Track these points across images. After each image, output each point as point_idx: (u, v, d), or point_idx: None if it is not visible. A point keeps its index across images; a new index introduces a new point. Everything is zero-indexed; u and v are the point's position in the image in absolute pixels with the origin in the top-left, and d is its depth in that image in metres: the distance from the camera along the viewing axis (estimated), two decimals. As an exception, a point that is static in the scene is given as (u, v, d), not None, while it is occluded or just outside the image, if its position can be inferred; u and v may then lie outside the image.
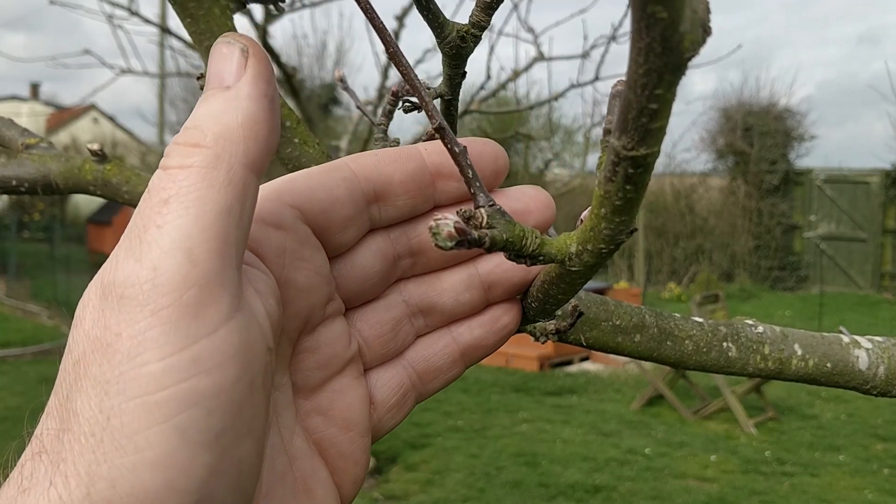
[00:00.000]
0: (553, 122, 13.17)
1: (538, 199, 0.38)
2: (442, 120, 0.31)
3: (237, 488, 0.29)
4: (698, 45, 0.21)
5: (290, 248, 0.34)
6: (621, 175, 0.24)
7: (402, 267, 0.38)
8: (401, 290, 0.39)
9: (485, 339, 0.39)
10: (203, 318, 0.28)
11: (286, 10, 4.88)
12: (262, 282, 0.32)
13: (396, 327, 0.39)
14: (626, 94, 0.22)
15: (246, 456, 0.29)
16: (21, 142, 0.85)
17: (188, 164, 0.29)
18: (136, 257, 0.28)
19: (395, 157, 0.37)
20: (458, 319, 0.39)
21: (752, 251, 14.49)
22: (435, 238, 0.28)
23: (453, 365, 0.40)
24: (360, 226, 0.36)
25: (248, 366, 0.29)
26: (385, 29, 0.33)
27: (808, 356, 0.64)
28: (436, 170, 0.37)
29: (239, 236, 0.29)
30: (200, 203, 0.28)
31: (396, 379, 0.39)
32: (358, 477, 0.37)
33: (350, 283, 0.37)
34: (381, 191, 0.36)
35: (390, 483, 5.13)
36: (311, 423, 0.36)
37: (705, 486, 5.13)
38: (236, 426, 0.28)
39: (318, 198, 0.35)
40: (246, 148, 0.30)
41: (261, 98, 0.30)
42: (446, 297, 0.39)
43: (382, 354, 0.39)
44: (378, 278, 0.38)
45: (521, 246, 0.30)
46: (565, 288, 0.34)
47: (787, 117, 14.94)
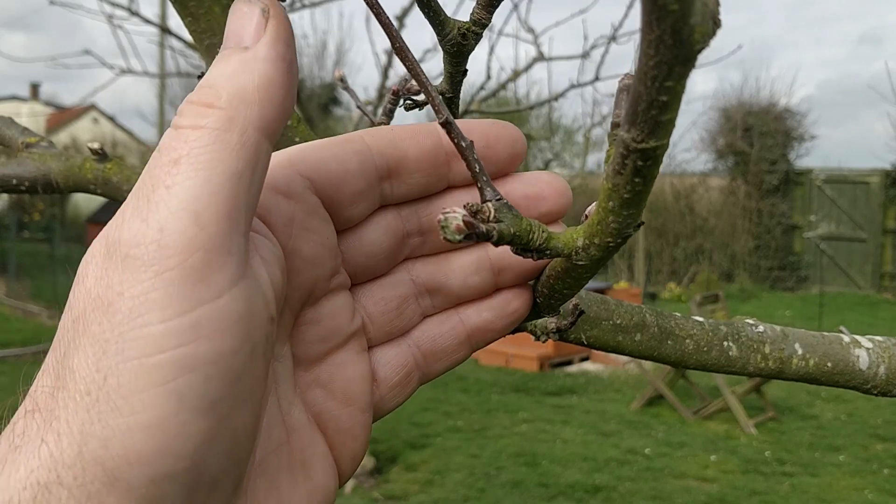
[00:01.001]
0: (553, 122, 13.18)
1: (553, 186, 0.37)
2: (448, 115, 0.31)
3: (231, 456, 0.28)
4: (708, 37, 0.21)
5: (298, 218, 0.33)
6: (630, 168, 0.24)
7: (412, 245, 0.38)
8: (409, 268, 0.39)
9: (493, 323, 0.39)
10: (207, 283, 0.27)
11: (286, 10, 4.88)
12: (268, 250, 0.32)
13: (402, 305, 0.38)
14: (635, 87, 0.22)
15: (242, 425, 0.29)
16: (21, 141, 0.85)
17: (201, 125, 0.29)
18: (142, 217, 0.28)
19: (411, 134, 0.36)
20: (466, 302, 0.39)
21: (752, 251, 14.50)
22: (443, 231, 0.28)
23: (459, 347, 0.39)
24: (370, 201, 0.36)
25: (250, 334, 0.29)
26: (391, 24, 0.33)
27: (808, 355, 0.64)
28: (451, 149, 0.37)
29: (249, 202, 0.29)
30: (211, 166, 0.28)
31: (401, 357, 0.38)
32: (357, 453, 0.37)
33: (357, 258, 0.37)
34: (395, 166, 0.36)
35: (390, 483, 5.13)
36: (310, 395, 0.36)
37: (705, 486, 5.13)
38: (234, 394, 0.28)
39: (330, 169, 0.34)
40: (261, 111, 0.29)
41: (279, 61, 0.30)
42: (455, 278, 0.38)
43: (387, 332, 0.38)
44: (386, 255, 0.37)
45: (528, 240, 0.30)
46: (571, 283, 0.34)
47: (787, 117, 14.95)
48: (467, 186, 0.38)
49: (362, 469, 5.17)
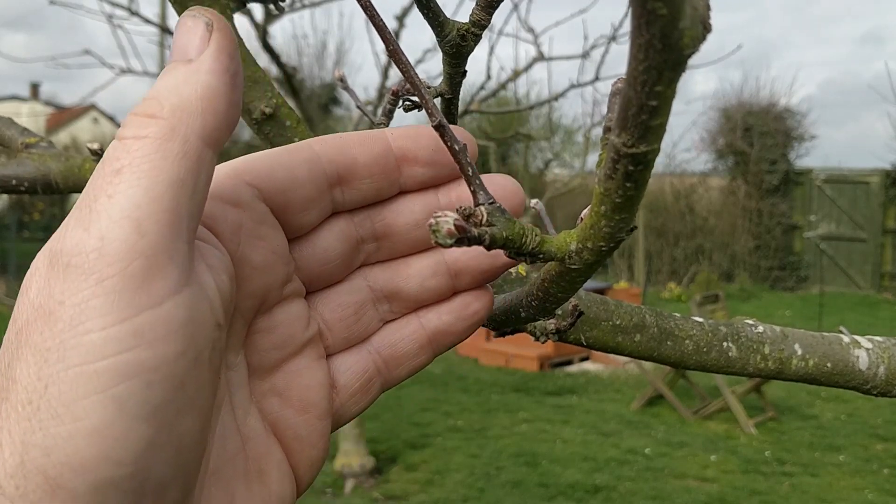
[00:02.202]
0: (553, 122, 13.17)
1: (506, 188, 0.38)
2: (442, 118, 0.31)
3: (177, 464, 0.28)
4: (698, 41, 0.21)
5: (246, 226, 0.34)
6: (621, 172, 0.24)
7: (367, 251, 0.38)
8: (365, 274, 0.39)
9: (454, 326, 0.39)
10: (148, 290, 0.27)
11: (286, 10, 4.88)
12: (215, 257, 0.32)
13: (360, 311, 0.38)
14: (626, 91, 0.22)
15: (187, 432, 0.28)
16: (21, 141, 0.85)
17: (143, 135, 0.29)
18: (84, 226, 0.28)
19: (360, 140, 0.36)
20: (426, 305, 0.39)
21: (752, 251, 14.49)
22: (434, 235, 0.28)
23: (420, 351, 0.39)
24: (321, 208, 0.36)
25: (194, 340, 0.29)
26: (385, 27, 0.33)
27: (808, 356, 0.64)
28: (401, 154, 0.37)
29: (191, 210, 0.29)
30: (153, 174, 0.28)
31: (361, 364, 0.38)
32: (315, 460, 0.36)
33: (311, 266, 0.37)
34: (345, 173, 0.36)
35: (390, 483, 5.13)
36: (266, 404, 0.35)
37: (705, 486, 5.13)
38: (177, 401, 0.28)
39: (278, 177, 0.34)
40: (203, 121, 0.29)
41: (222, 73, 0.30)
42: (412, 282, 0.38)
43: (346, 339, 0.38)
44: (340, 261, 0.37)
45: (521, 244, 0.30)
46: (565, 286, 0.34)
47: (787, 117, 14.94)
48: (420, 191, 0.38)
49: (362, 469, 5.17)
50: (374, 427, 5.96)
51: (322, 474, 5.23)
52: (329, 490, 5.06)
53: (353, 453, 5.21)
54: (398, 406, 6.72)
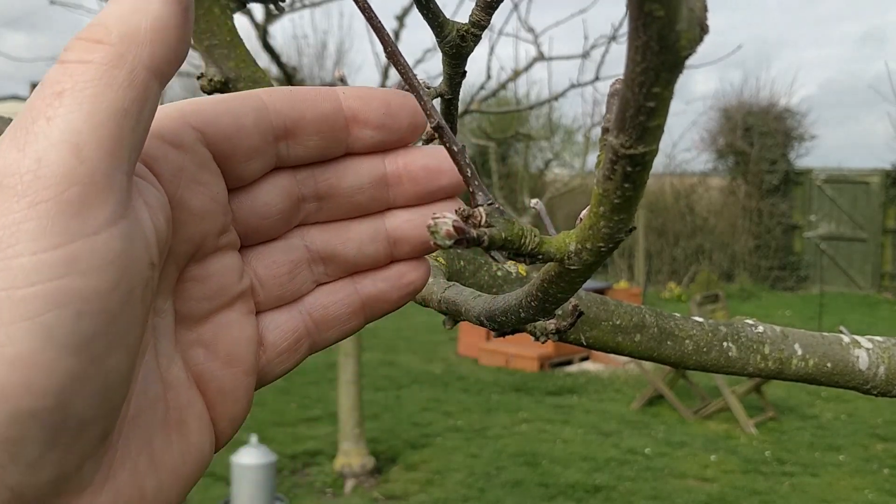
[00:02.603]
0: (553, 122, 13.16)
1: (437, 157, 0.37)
2: (440, 119, 0.31)
3: (101, 401, 0.27)
4: (695, 43, 0.21)
5: (187, 170, 0.33)
6: (619, 173, 0.24)
7: (307, 211, 0.37)
8: (303, 234, 0.38)
9: (388, 294, 0.38)
10: (84, 218, 0.26)
11: (286, 10, 4.88)
12: (153, 196, 0.31)
13: (294, 270, 0.37)
14: (623, 93, 0.22)
15: (114, 368, 0.28)
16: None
17: (88, 60, 0.28)
18: (19, 147, 0.27)
19: (311, 96, 0.36)
20: (361, 271, 0.39)
21: (752, 251, 14.50)
22: (433, 236, 0.28)
23: (352, 317, 0.38)
24: (265, 159, 0.35)
25: (127, 275, 0.28)
26: (383, 28, 0.33)
27: (808, 356, 0.64)
28: (352, 114, 0.36)
29: (133, 142, 0.28)
30: (96, 100, 0.27)
31: (291, 323, 0.37)
32: (237, 416, 0.36)
33: (249, 219, 0.36)
34: (292, 127, 0.35)
35: (390, 483, 5.13)
36: (192, 354, 0.35)
37: (705, 486, 5.13)
38: (107, 335, 0.27)
39: (224, 123, 0.34)
40: (152, 51, 0.29)
41: (175, 3, 0.29)
42: (350, 246, 0.38)
43: (278, 297, 0.37)
44: (279, 217, 0.36)
45: (520, 244, 0.30)
46: (565, 287, 0.34)
47: (787, 117, 14.95)
48: (367, 155, 0.37)
49: (362, 469, 5.17)
50: (374, 427, 5.96)
51: (322, 474, 5.24)
52: (329, 490, 5.07)
53: (353, 453, 5.21)
54: (398, 406, 6.72)
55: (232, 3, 0.71)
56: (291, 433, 5.97)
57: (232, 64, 0.67)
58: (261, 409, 6.54)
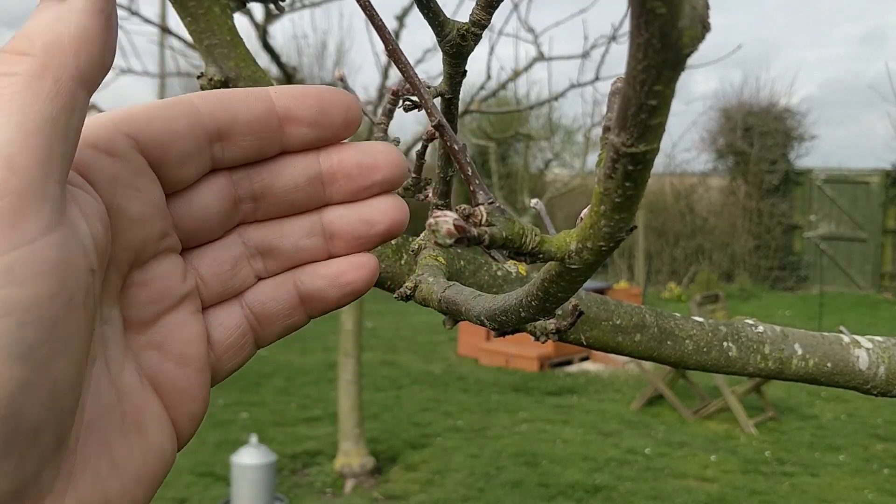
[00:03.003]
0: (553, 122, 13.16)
1: (387, 156, 0.37)
2: (441, 118, 0.31)
3: (50, 407, 0.28)
4: (697, 40, 0.21)
5: (122, 177, 0.33)
6: (621, 172, 0.24)
7: (244, 211, 0.38)
8: (241, 232, 0.38)
9: (326, 292, 0.39)
10: (19, 228, 0.27)
11: (286, 10, 4.88)
12: (89, 205, 0.31)
13: (236, 266, 0.38)
14: (625, 91, 0.22)
15: (62, 375, 0.28)
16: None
17: (13, 72, 0.28)
18: None
19: (242, 97, 0.36)
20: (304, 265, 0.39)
21: (752, 251, 14.50)
22: (434, 235, 0.28)
23: (292, 312, 0.39)
24: (200, 163, 0.36)
25: (66, 282, 0.28)
26: (384, 27, 0.33)
27: (808, 356, 0.64)
28: (285, 113, 0.36)
29: (64, 150, 0.29)
30: (23, 111, 0.28)
31: (234, 319, 0.38)
32: (195, 413, 0.36)
33: (188, 222, 0.36)
34: (226, 129, 0.36)
35: (390, 483, 5.13)
36: (144, 357, 0.35)
37: (705, 486, 5.13)
38: (50, 342, 0.27)
39: (156, 129, 0.34)
40: (76, 61, 0.29)
41: (96, 13, 0.30)
42: (286, 241, 0.38)
43: (220, 293, 0.38)
44: (217, 219, 0.37)
45: (521, 244, 0.30)
46: (565, 286, 0.34)
47: (787, 117, 14.95)
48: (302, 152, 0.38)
49: (362, 469, 5.17)
50: (374, 427, 5.96)
51: (322, 474, 5.24)
52: (329, 490, 5.07)
53: (353, 453, 5.21)
54: (398, 406, 6.72)
55: (232, 3, 0.71)
56: (291, 433, 5.97)
57: (232, 63, 0.67)
58: (261, 409, 6.54)
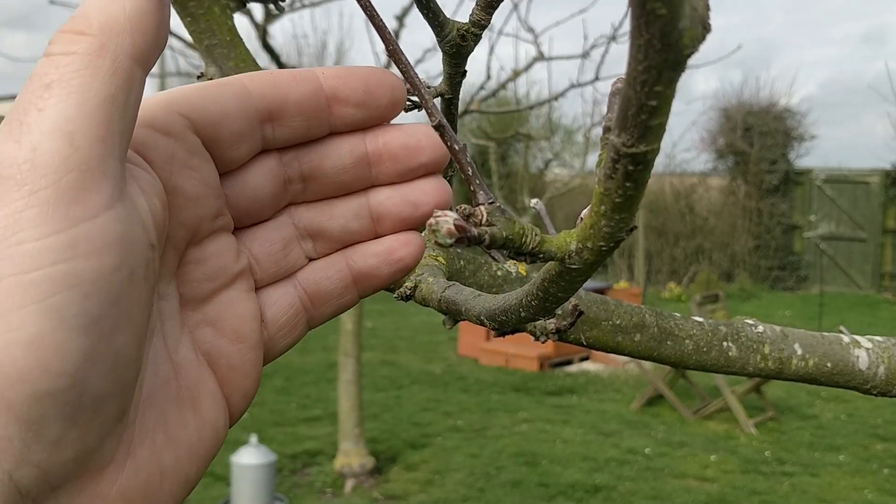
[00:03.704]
0: (553, 122, 13.16)
1: (431, 138, 0.38)
2: (441, 118, 0.31)
3: (114, 378, 0.28)
4: (698, 41, 0.21)
5: (178, 156, 0.34)
6: (621, 172, 0.24)
7: (293, 192, 0.38)
8: (291, 213, 0.39)
9: (379, 270, 0.39)
10: (82, 203, 0.27)
11: (286, 9, 4.88)
12: (147, 182, 0.32)
13: (287, 247, 0.39)
14: (625, 91, 0.22)
15: (123, 347, 0.29)
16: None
17: (72, 51, 0.29)
18: (14, 138, 0.28)
19: (291, 78, 0.37)
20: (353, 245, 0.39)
21: (752, 251, 14.50)
22: (434, 235, 0.28)
23: (345, 291, 0.39)
24: (252, 143, 0.36)
25: (128, 256, 0.29)
26: (385, 27, 0.33)
27: (808, 356, 0.64)
28: (332, 94, 0.37)
29: (123, 127, 0.29)
30: (84, 89, 0.28)
31: (287, 298, 0.39)
32: (248, 390, 0.37)
33: (240, 202, 0.37)
34: (276, 110, 0.36)
35: (390, 483, 5.13)
36: (199, 334, 0.36)
37: (705, 486, 5.13)
38: (114, 315, 0.28)
39: (210, 109, 0.35)
40: (133, 40, 0.30)
41: None
42: (335, 223, 0.39)
43: (273, 273, 0.39)
44: (268, 200, 0.38)
45: (521, 243, 0.30)
46: (565, 286, 0.34)
47: (787, 117, 14.95)
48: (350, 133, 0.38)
49: (362, 469, 5.17)
50: (374, 427, 5.97)
51: (322, 474, 5.24)
52: (329, 490, 5.07)
53: (353, 453, 5.21)
54: (398, 406, 6.72)
55: (232, 3, 0.71)
56: (291, 433, 5.97)
57: (232, 63, 0.67)
58: (261, 409, 6.54)
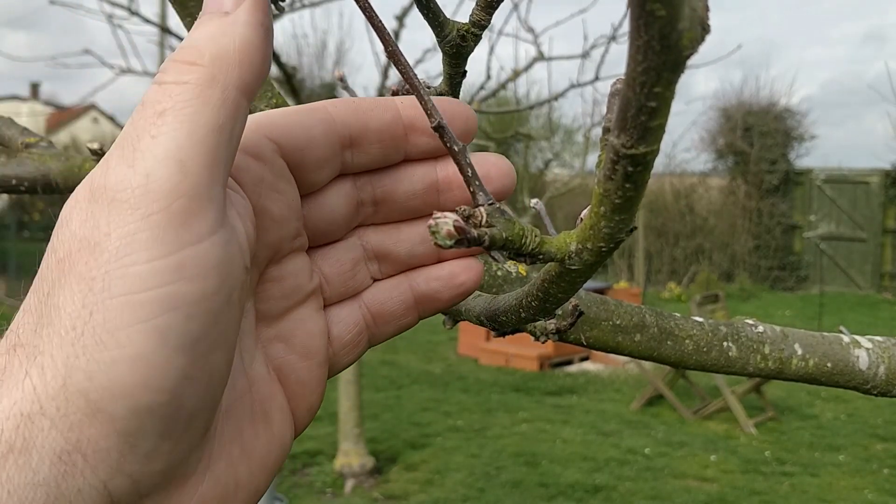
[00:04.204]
0: (553, 122, 13.16)
1: (499, 167, 0.39)
2: (441, 119, 0.31)
3: (206, 395, 0.30)
4: (697, 42, 0.21)
5: (266, 179, 0.35)
6: (620, 173, 0.24)
7: (365, 214, 0.40)
8: (360, 234, 0.40)
9: (441, 293, 0.40)
10: (190, 228, 0.29)
11: (286, 9, 4.88)
12: (241, 205, 0.34)
13: (355, 267, 0.40)
14: (624, 92, 0.22)
15: (217, 366, 0.30)
16: (21, 141, 0.85)
17: (184, 81, 0.30)
18: (129, 163, 0.29)
19: (372, 106, 0.38)
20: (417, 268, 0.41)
21: (752, 251, 14.50)
22: (434, 237, 0.28)
23: (407, 312, 0.41)
24: (333, 167, 0.38)
25: (227, 279, 0.30)
26: (384, 28, 0.33)
27: (808, 356, 0.64)
28: (409, 122, 0.38)
29: (228, 155, 0.31)
30: (195, 118, 0.29)
31: (353, 317, 0.40)
32: (313, 405, 0.39)
33: (317, 223, 0.38)
34: (357, 136, 0.37)
35: (390, 483, 5.13)
36: (272, 349, 0.37)
37: (705, 486, 5.13)
38: (211, 335, 0.29)
39: (296, 135, 0.36)
40: (240, 72, 0.31)
41: (257, 26, 0.31)
42: (402, 247, 0.40)
43: (341, 292, 0.40)
44: (343, 222, 0.39)
45: (521, 244, 0.30)
46: (565, 287, 0.34)
47: (787, 117, 14.95)
48: (422, 161, 0.40)
49: (362, 469, 5.17)
50: (374, 427, 5.96)
51: (322, 474, 5.24)
52: (329, 490, 5.07)
53: (353, 453, 5.21)
54: (398, 406, 6.72)
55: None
56: (291, 433, 5.97)
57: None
58: (261, 408, 6.53)
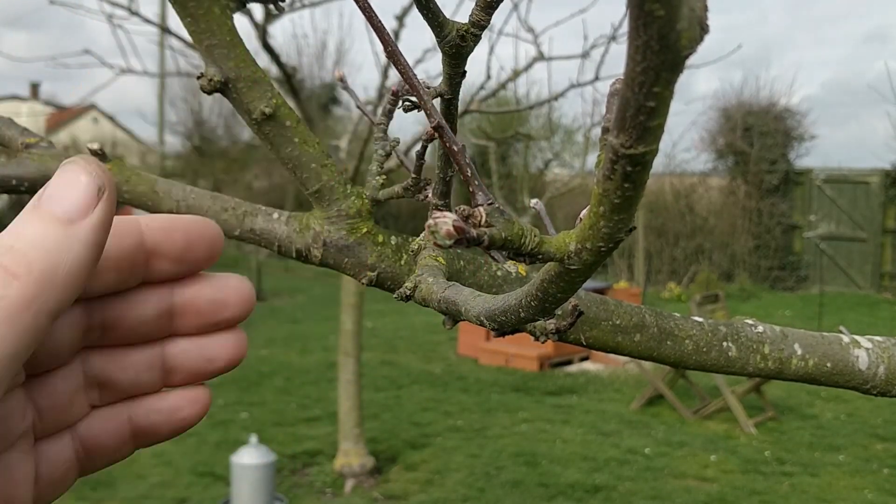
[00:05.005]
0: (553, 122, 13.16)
1: (239, 293, 0.37)
2: (441, 119, 0.31)
3: None
4: (696, 42, 0.21)
5: None
6: (619, 173, 0.24)
7: (91, 338, 0.37)
8: (84, 358, 0.37)
9: (161, 428, 0.38)
10: None
11: (286, 10, 4.88)
12: None
13: (73, 399, 0.37)
14: (623, 92, 0.22)
15: None
16: (21, 141, 0.85)
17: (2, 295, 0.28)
18: None
19: (113, 233, 0.35)
20: (139, 397, 0.38)
21: (752, 251, 14.49)
22: (434, 236, 0.28)
23: (121, 447, 0.38)
24: None
25: None
26: (383, 28, 0.33)
27: (808, 356, 0.64)
28: (153, 248, 0.36)
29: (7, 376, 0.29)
30: None
31: (63, 454, 0.37)
32: None
33: (38, 354, 0.35)
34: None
35: (390, 483, 5.13)
36: None
37: (705, 486, 5.13)
38: None
39: None
40: (61, 295, 0.29)
41: (96, 245, 0.30)
42: (127, 374, 0.37)
43: (54, 425, 0.37)
44: (67, 350, 0.36)
45: (520, 244, 0.30)
46: (564, 286, 0.34)
47: (787, 117, 14.94)
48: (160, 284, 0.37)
49: (362, 469, 5.17)
50: (374, 427, 5.96)
51: (322, 474, 5.23)
52: (329, 490, 5.06)
53: (353, 453, 5.21)
54: (398, 406, 6.72)
55: (232, 3, 0.71)
56: (291, 433, 5.97)
57: (232, 64, 0.67)
58: (261, 409, 6.53)
